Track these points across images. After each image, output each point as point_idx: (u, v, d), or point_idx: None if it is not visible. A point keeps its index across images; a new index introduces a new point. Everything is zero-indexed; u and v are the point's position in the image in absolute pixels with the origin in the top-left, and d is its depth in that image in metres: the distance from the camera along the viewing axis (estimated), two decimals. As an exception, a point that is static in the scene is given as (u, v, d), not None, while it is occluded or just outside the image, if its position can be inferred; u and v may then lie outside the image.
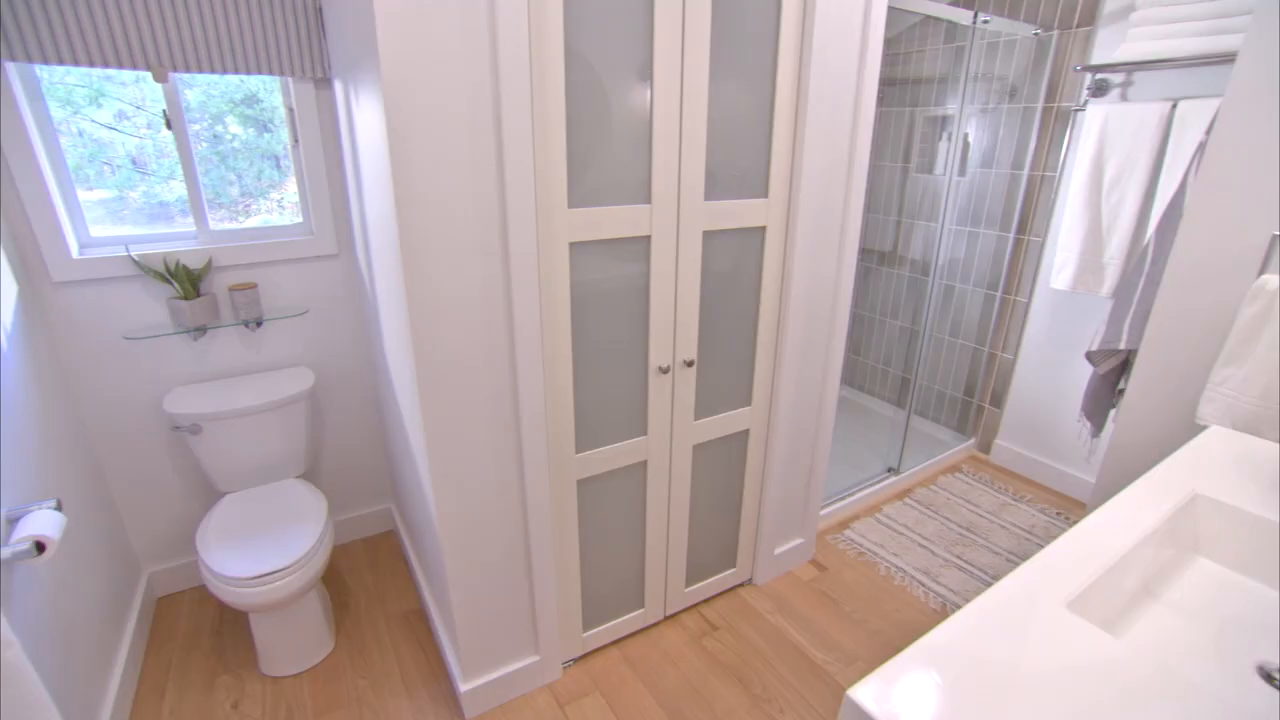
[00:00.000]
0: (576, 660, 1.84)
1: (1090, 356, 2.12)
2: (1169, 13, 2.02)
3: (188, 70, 1.66)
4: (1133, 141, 2.17)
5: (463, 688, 1.63)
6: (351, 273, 2.10)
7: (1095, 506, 1.10)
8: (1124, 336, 2.00)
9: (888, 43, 2.99)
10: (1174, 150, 2.09)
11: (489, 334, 1.36)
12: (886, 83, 3.04)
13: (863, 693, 0.71)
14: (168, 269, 1.78)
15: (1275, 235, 1.32)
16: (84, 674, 1.50)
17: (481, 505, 1.48)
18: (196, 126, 1.88)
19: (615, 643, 1.90)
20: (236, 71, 1.71)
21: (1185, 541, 1.10)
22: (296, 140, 1.95)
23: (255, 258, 1.94)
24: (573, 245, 1.41)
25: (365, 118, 1.37)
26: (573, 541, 1.68)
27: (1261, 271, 1.35)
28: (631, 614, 1.90)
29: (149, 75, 1.72)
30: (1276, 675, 0.84)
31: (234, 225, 1.99)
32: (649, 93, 1.39)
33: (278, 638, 1.75)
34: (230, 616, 2.01)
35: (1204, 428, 1.46)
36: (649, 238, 1.50)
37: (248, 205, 2.03)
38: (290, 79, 1.85)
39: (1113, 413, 2.12)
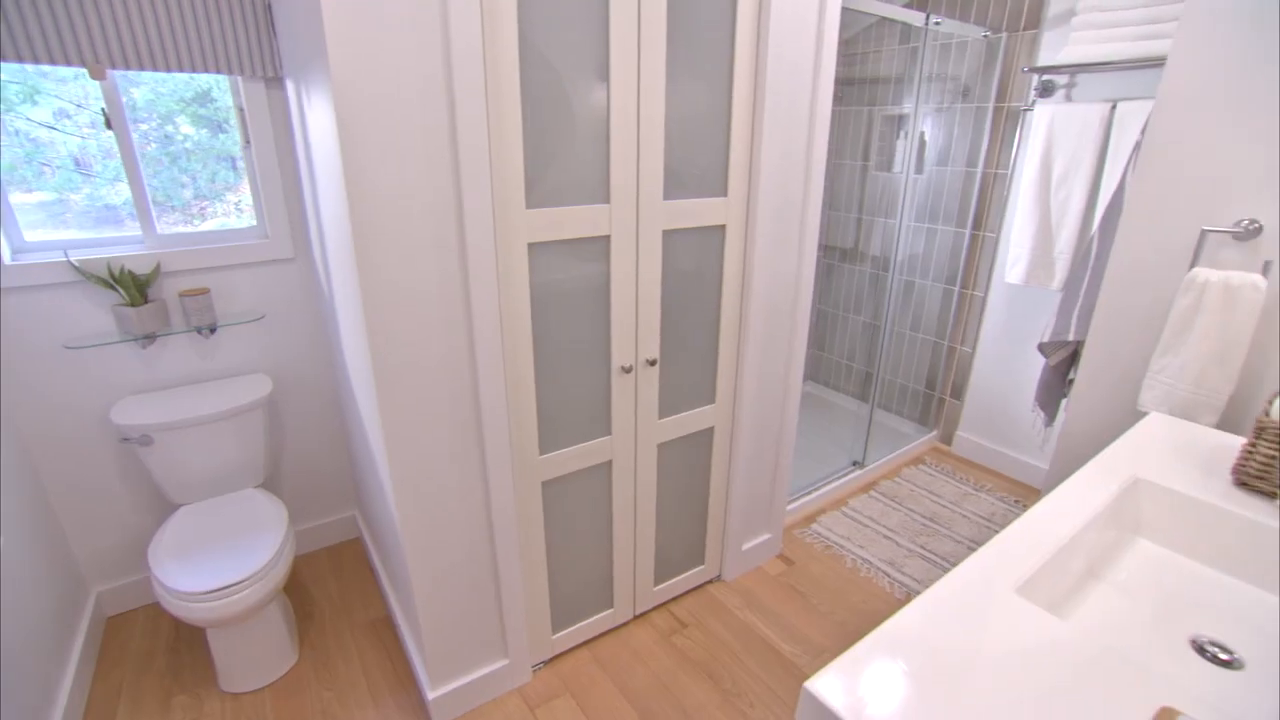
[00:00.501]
0: (546, 662, 1.83)
1: (1042, 348, 2.19)
2: (1106, 18, 2.10)
3: (127, 68, 1.60)
4: (1077, 141, 2.25)
5: (430, 695, 1.61)
6: (309, 276, 2.06)
7: (1048, 493, 1.14)
8: (1072, 328, 2.07)
9: (846, 43, 3.04)
10: (1115, 149, 2.17)
11: (448, 335, 1.35)
12: (845, 82, 3.09)
13: (819, 684, 0.73)
14: (111, 275, 1.71)
15: (1204, 230, 1.38)
16: (24, 703, 1.44)
17: (444, 508, 1.47)
18: (145, 126, 1.82)
19: (585, 643, 1.90)
20: (181, 70, 1.66)
21: (1127, 523, 1.15)
22: (248, 141, 1.89)
23: (207, 262, 1.88)
24: (531, 246, 1.40)
25: (316, 116, 1.34)
26: (539, 543, 1.67)
27: (1193, 265, 1.41)
28: (601, 614, 1.90)
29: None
30: (1208, 648, 0.88)
31: (189, 229, 1.92)
32: (605, 91, 1.39)
33: (237, 653, 1.70)
34: (186, 633, 1.95)
35: (1145, 414, 1.52)
36: (608, 237, 1.50)
37: (203, 208, 1.97)
38: (239, 78, 1.80)
39: (1064, 402, 2.19)
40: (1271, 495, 1.06)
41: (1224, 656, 0.87)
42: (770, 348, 1.94)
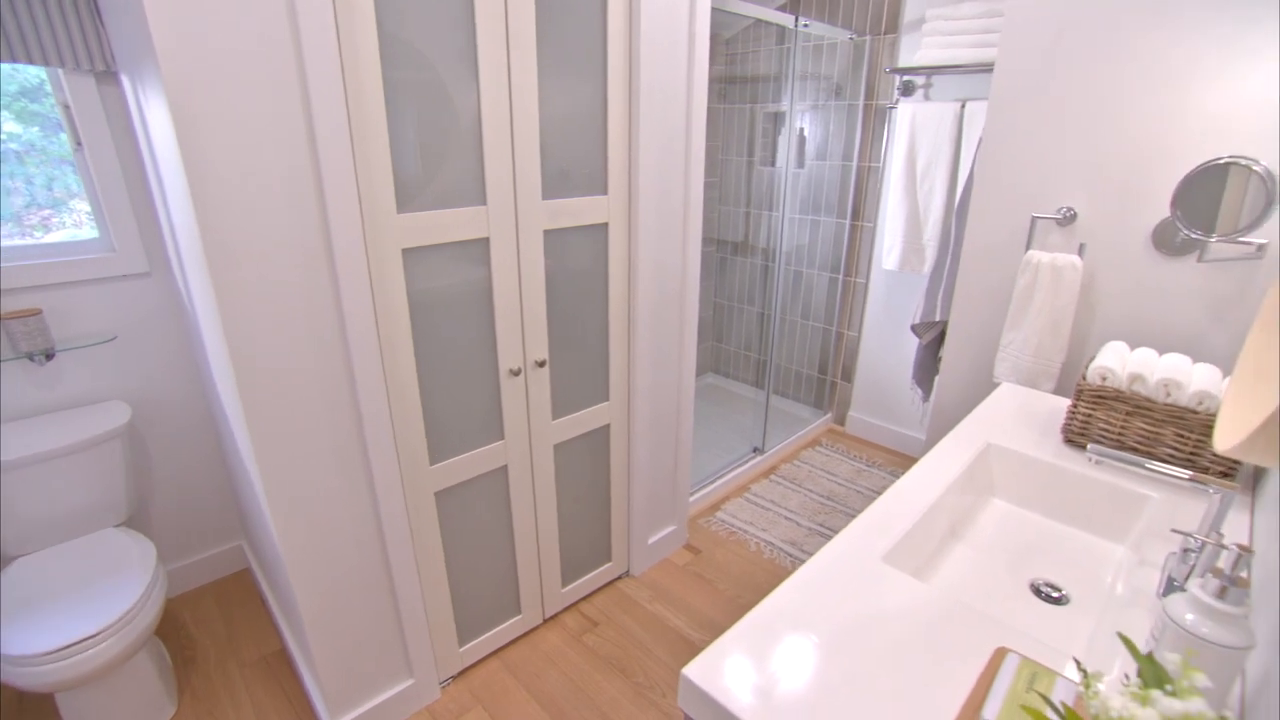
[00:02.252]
0: (455, 677, 1.78)
1: (914, 329, 2.36)
2: (950, 25, 2.29)
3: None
4: (935, 136, 2.43)
5: (328, 728, 1.52)
6: (170, 292, 1.88)
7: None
8: (939, 309, 2.25)
9: (726, 43, 3.14)
10: (966, 144, 2.37)
11: (320, 346, 1.27)
12: (728, 81, 3.19)
13: (694, 670, 0.75)
14: (-90, 298, 1.49)
15: (1033, 217, 1.54)
16: None
17: (329, 525, 1.39)
18: (-49, 124, 1.58)
19: (495, 653, 1.86)
20: (-18, 62, 1.46)
21: (982, 486, 1.26)
22: (80, 143, 1.70)
23: (36, 280, 1.67)
24: (406, 251, 1.34)
25: (154, 113, 1.23)
26: (437, 556, 1.61)
27: (1028, 248, 1.57)
28: (509, 621, 1.86)
29: None
30: (1042, 589, 0.99)
31: (24, 242, 1.69)
32: (475, 89, 1.36)
33: (95, 714, 1.53)
34: (32, 700, 1.73)
35: (999, 384, 1.67)
36: (487, 240, 1.46)
37: (46, 219, 1.74)
38: (60, 70, 1.61)
39: (937, 378, 2.38)
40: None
41: (1055, 595, 0.98)
42: (661, 341, 1.97)
